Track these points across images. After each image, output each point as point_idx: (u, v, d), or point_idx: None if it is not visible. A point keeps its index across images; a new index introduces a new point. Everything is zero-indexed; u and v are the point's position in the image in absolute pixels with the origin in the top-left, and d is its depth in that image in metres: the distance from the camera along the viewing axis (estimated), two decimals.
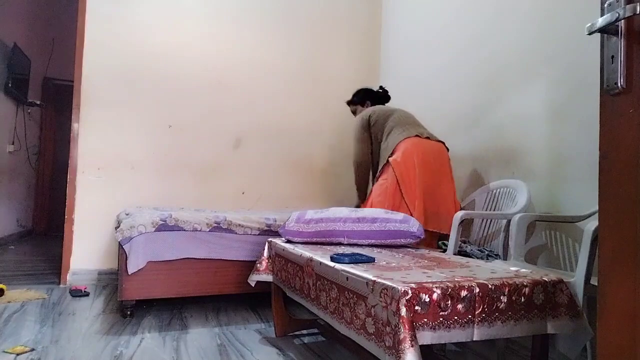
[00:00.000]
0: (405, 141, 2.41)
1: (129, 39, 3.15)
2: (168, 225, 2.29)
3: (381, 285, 1.14)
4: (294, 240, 1.98)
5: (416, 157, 2.35)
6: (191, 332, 2.08)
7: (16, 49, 4.53)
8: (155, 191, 3.17)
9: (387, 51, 3.84)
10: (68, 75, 3.67)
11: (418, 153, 2.37)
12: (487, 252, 2.12)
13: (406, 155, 2.36)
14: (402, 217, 1.92)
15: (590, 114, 1.88)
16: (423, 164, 2.35)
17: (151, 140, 3.19)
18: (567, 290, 1.28)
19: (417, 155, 2.36)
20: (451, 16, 3.01)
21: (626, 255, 0.69)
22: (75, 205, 2.98)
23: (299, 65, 3.68)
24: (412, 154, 2.36)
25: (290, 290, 1.80)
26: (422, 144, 2.42)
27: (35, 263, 3.69)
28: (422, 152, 2.38)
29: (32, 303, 2.45)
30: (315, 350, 1.88)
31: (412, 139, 2.42)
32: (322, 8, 3.77)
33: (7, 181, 4.70)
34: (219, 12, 3.44)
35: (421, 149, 2.39)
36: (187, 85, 3.32)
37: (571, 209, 2.00)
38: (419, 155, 2.36)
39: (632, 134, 0.69)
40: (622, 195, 0.70)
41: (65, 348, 1.80)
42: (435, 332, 1.10)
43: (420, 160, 2.35)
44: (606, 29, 0.72)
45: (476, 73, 2.73)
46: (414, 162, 2.34)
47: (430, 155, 2.41)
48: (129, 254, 2.17)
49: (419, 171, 2.33)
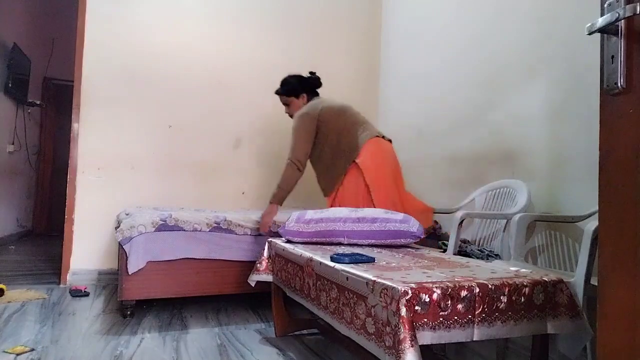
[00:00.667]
0: (370, 143, 2.34)
1: (129, 39, 3.15)
2: (168, 225, 2.29)
3: (381, 285, 1.14)
4: (294, 240, 1.98)
5: (384, 161, 2.34)
6: (191, 332, 2.08)
7: (16, 49, 4.53)
8: (155, 191, 3.17)
9: (387, 51, 3.84)
10: (68, 75, 3.67)
11: (385, 157, 2.35)
12: (487, 252, 2.12)
13: (376, 159, 2.33)
14: (402, 217, 1.92)
15: (590, 114, 1.88)
16: (388, 167, 2.36)
17: (151, 140, 3.19)
18: (567, 290, 1.28)
19: (384, 159, 2.35)
20: (451, 16, 3.01)
21: (626, 255, 0.69)
22: (75, 205, 2.98)
23: (299, 65, 3.65)
24: (381, 158, 2.33)
25: (290, 290, 1.80)
26: (383, 145, 2.40)
27: (35, 263, 3.69)
28: (386, 155, 2.37)
29: (32, 303, 2.45)
30: (315, 350, 1.88)
31: (375, 139, 2.37)
32: (322, 8, 3.77)
33: (7, 181, 4.70)
34: (219, 12, 3.44)
35: (385, 152, 2.37)
36: (187, 85, 3.32)
37: (571, 209, 2.00)
38: (385, 159, 2.35)
39: (632, 134, 0.69)
40: (622, 195, 0.70)
41: (65, 348, 1.80)
42: (435, 332, 1.10)
43: (386, 163, 2.35)
44: (606, 29, 0.72)
45: (476, 73, 2.73)
46: (384, 169, 2.34)
47: (390, 157, 2.41)
48: (129, 254, 2.17)
49: (388, 177, 2.35)
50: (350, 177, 2.35)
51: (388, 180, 2.37)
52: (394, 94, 3.71)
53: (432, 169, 3.12)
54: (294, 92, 2.64)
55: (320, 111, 2.46)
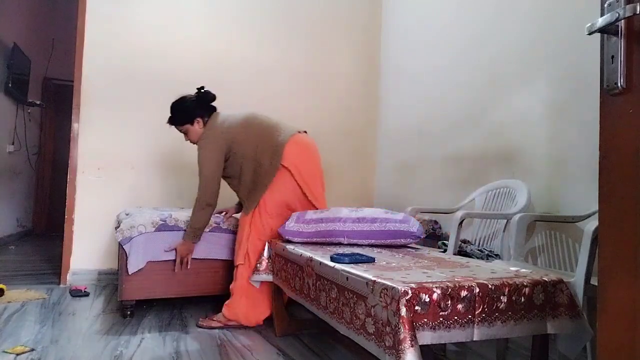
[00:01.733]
0: (290, 143, 2.20)
1: (129, 39, 3.15)
2: (168, 225, 2.29)
3: (381, 285, 1.14)
4: (294, 240, 1.98)
5: (310, 157, 2.29)
6: (191, 332, 2.08)
7: (16, 49, 4.53)
8: (155, 191, 3.17)
9: (387, 51, 3.84)
10: (68, 75, 3.66)
11: (309, 152, 2.30)
12: (487, 252, 2.12)
13: (302, 157, 2.24)
14: (402, 217, 1.92)
15: (590, 114, 1.88)
16: (313, 161, 2.32)
17: (151, 140, 3.18)
18: (567, 290, 1.28)
19: (309, 155, 2.29)
20: (451, 16, 3.01)
21: (626, 255, 0.69)
22: (75, 205, 2.98)
23: (299, 65, 3.68)
24: (306, 155, 2.27)
25: (290, 290, 1.80)
26: (304, 140, 2.31)
27: (35, 263, 3.69)
28: (310, 150, 2.32)
29: (32, 303, 2.45)
30: (315, 350, 1.88)
31: (294, 137, 2.24)
32: (322, 8, 3.77)
33: (7, 181, 4.70)
34: (219, 12, 3.44)
35: (308, 147, 2.31)
36: (187, 86, 3.30)
37: (571, 209, 2.00)
38: (310, 155, 2.30)
39: (632, 134, 0.69)
40: (622, 195, 0.70)
41: (65, 348, 1.80)
42: (435, 332, 1.10)
43: (312, 158, 2.31)
44: (606, 29, 0.72)
45: (476, 73, 2.72)
46: (310, 165, 2.28)
47: (312, 148, 2.35)
48: (129, 254, 2.17)
49: (317, 170, 2.32)
50: (278, 180, 2.18)
51: (317, 175, 2.32)
52: (394, 94, 3.71)
53: (432, 169, 3.11)
54: (186, 118, 2.34)
55: (227, 130, 2.24)
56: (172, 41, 3.26)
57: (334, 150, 3.75)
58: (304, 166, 2.24)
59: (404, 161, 3.49)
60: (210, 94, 2.41)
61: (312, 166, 2.30)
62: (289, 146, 2.20)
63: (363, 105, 3.90)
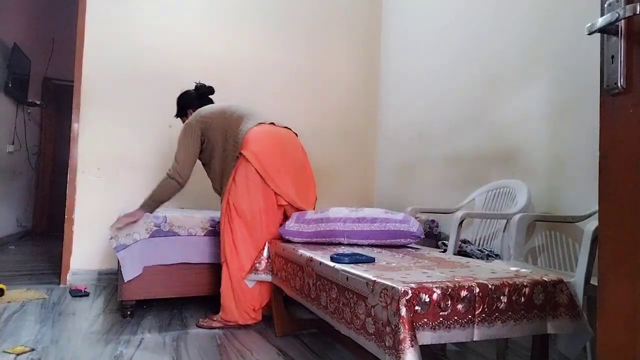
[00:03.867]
0: (253, 131, 2.17)
1: (129, 39, 3.15)
2: (162, 231, 2.28)
3: (381, 285, 1.14)
4: (294, 240, 1.98)
5: (275, 147, 2.18)
6: (191, 332, 2.08)
7: (16, 49, 4.53)
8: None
9: (387, 51, 3.85)
10: (68, 75, 3.67)
11: (276, 142, 2.20)
12: (487, 252, 2.12)
13: (262, 144, 2.15)
14: (401, 217, 1.92)
15: (590, 114, 1.88)
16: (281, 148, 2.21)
17: (151, 140, 3.19)
18: (567, 290, 1.28)
19: (275, 145, 2.19)
20: (451, 16, 3.01)
21: (626, 255, 0.69)
22: (75, 205, 2.98)
23: (299, 65, 3.68)
24: (268, 143, 2.17)
25: (290, 290, 1.80)
26: (271, 130, 2.24)
27: (35, 263, 3.69)
28: (278, 140, 2.22)
29: (32, 303, 2.45)
30: (315, 350, 1.88)
31: (260, 126, 2.21)
32: (323, 8, 3.77)
33: (7, 181, 4.70)
34: (219, 13, 3.44)
35: (275, 136, 2.22)
36: (187, 86, 3.31)
37: (571, 209, 2.00)
38: (276, 144, 2.19)
39: (632, 134, 0.69)
40: (622, 195, 0.70)
41: (65, 348, 1.80)
42: (435, 332, 1.10)
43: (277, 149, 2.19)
44: (606, 29, 0.72)
45: (476, 73, 2.73)
46: (272, 150, 2.16)
47: (285, 139, 2.26)
48: (123, 263, 2.15)
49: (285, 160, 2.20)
50: (240, 170, 2.14)
51: (284, 165, 2.19)
52: (394, 94, 3.71)
53: (432, 169, 3.12)
54: (181, 111, 2.62)
55: (201, 117, 2.30)
56: (172, 41, 3.26)
57: (334, 150, 3.76)
58: (267, 157, 2.13)
59: (404, 161, 3.49)
60: (206, 87, 2.56)
61: (277, 158, 2.17)
62: (251, 134, 2.15)
63: (363, 105, 3.90)
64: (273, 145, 2.18)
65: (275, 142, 2.20)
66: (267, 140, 2.18)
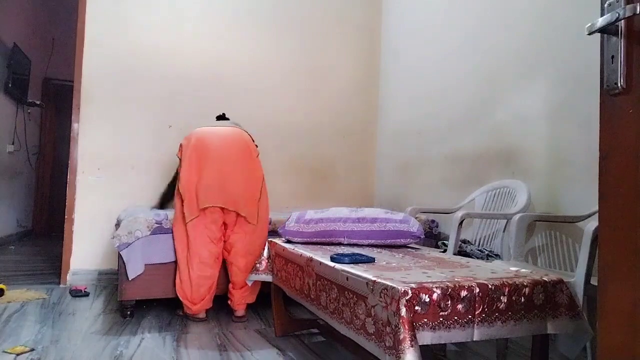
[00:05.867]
0: (195, 131, 2.39)
1: (129, 39, 3.15)
2: (163, 228, 2.29)
3: (381, 285, 1.14)
4: (294, 240, 1.98)
5: (199, 138, 2.32)
6: (191, 332, 2.08)
7: (16, 49, 4.53)
8: (156, 191, 3.16)
9: (388, 49, 3.84)
10: (68, 75, 3.66)
11: (203, 134, 2.34)
12: (487, 252, 2.12)
13: (193, 137, 2.33)
14: (402, 217, 1.92)
15: (590, 114, 1.88)
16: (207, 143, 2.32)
17: (151, 140, 3.19)
18: (567, 290, 1.28)
19: (202, 135, 2.33)
20: (451, 16, 3.01)
21: (626, 255, 0.69)
22: (75, 205, 2.98)
23: (299, 64, 3.68)
24: (198, 136, 2.33)
25: (290, 290, 1.80)
26: (210, 129, 2.40)
27: (35, 263, 3.69)
28: (209, 133, 2.36)
29: (32, 303, 2.45)
30: (315, 350, 1.88)
31: (201, 128, 2.40)
32: (323, 8, 3.77)
33: (7, 181, 4.70)
34: (218, 12, 3.44)
35: (208, 131, 2.37)
36: (187, 85, 3.32)
37: (571, 209, 2.00)
38: (203, 136, 2.33)
39: (632, 134, 0.69)
40: (622, 195, 0.70)
41: (65, 348, 1.80)
42: (435, 332, 1.10)
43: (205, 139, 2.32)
44: (606, 29, 0.72)
45: (476, 73, 2.72)
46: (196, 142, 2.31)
47: (221, 135, 2.37)
48: (127, 261, 2.16)
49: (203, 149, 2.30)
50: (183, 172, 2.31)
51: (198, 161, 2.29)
52: (394, 94, 3.71)
53: (432, 169, 3.12)
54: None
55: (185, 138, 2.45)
56: (172, 41, 3.26)
57: (334, 150, 3.75)
58: (195, 147, 2.29)
59: (404, 161, 3.49)
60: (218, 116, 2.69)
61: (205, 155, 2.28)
62: (186, 139, 2.37)
63: (363, 105, 3.89)
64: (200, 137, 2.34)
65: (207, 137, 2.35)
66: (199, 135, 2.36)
